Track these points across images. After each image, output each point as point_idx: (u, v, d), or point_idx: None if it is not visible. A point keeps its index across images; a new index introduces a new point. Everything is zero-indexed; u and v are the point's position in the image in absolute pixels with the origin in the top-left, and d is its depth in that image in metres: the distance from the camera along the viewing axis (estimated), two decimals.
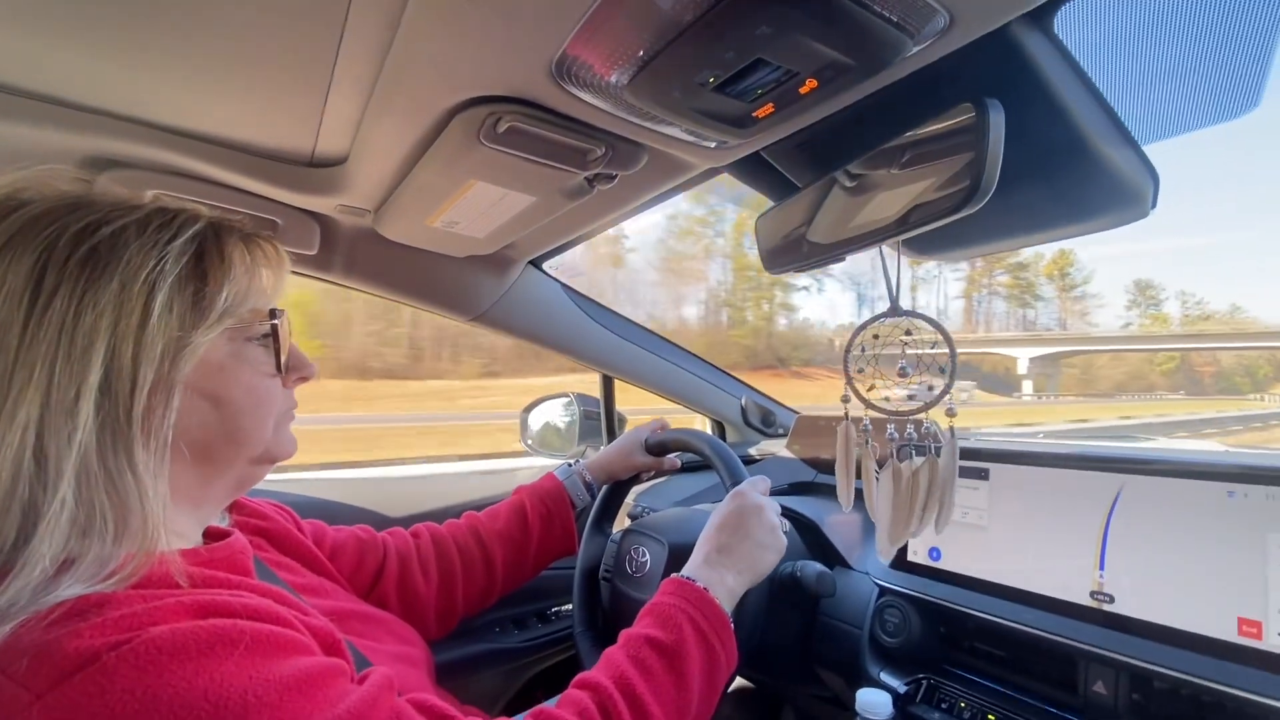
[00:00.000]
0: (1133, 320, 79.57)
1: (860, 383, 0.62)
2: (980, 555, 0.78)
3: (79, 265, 0.40)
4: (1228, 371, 63.62)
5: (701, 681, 0.58)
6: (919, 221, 0.53)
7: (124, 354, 0.40)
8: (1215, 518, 0.61)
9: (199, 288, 0.45)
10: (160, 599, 0.38)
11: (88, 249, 0.41)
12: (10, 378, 0.38)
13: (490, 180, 0.72)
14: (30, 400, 0.38)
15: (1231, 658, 0.58)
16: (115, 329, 0.40)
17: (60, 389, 0.38)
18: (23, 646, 0.34)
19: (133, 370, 0.41)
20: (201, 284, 0.45)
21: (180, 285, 0.44)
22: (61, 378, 0.39)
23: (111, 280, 0.41)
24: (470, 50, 0.52)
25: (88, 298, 0.40)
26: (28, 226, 0.41)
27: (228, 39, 0.56)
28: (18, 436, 0.37)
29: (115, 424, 0.40)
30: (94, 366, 0.39)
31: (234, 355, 0.48)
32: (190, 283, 0.45)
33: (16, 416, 0.37)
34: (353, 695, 0.41)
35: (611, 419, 1.47)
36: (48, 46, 0.58)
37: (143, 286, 0.42)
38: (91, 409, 0.39)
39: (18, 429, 0.37)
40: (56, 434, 0.38)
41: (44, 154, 0.74)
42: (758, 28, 0.44)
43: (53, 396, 0.38)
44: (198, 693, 0.35)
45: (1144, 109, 0.55)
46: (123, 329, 0.41)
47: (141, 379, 0.41)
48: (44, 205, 0.42)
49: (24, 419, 0.37)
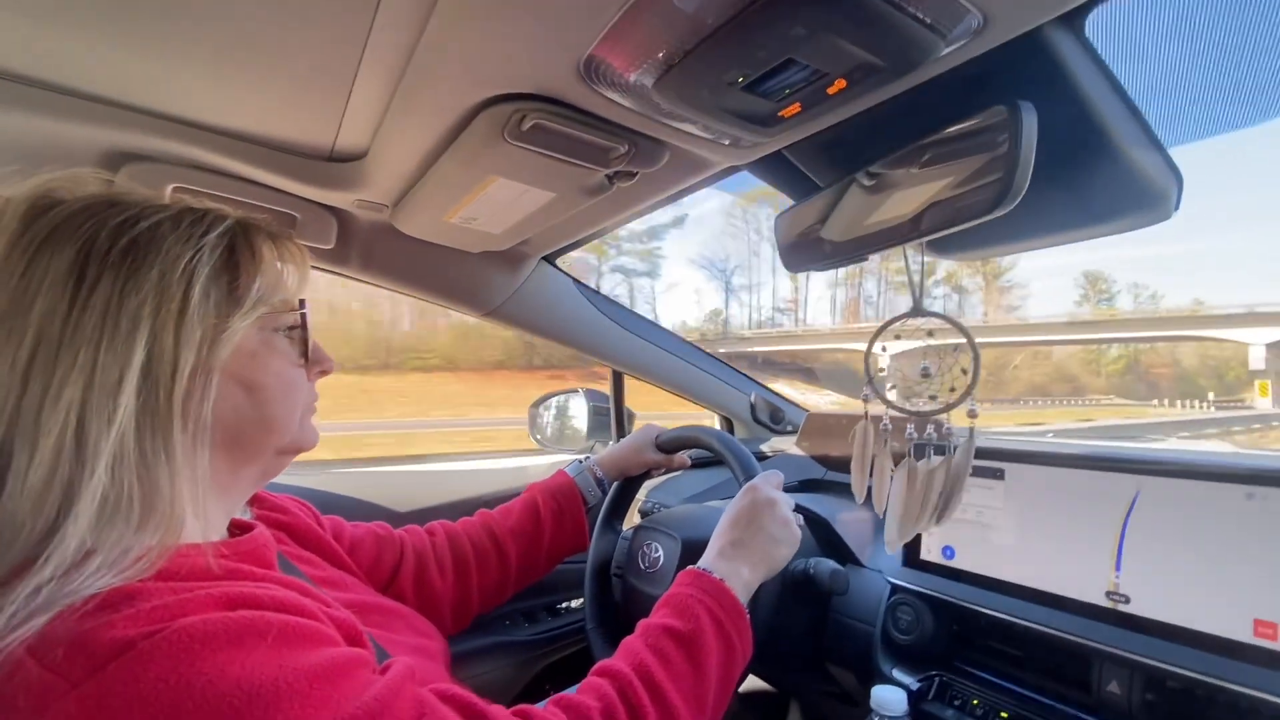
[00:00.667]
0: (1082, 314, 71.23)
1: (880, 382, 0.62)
2: (994, 554, 0.79)
3: (120, 255, 0.42)
4: (1191, 373, 57.21)
5: (718, 671, 0.59)
6: (947, 222, 0.53)
7: (165, 339, 0.42)
8: (1233, 520, 0.62)
9: (233, 277, 0.47)
10: (190, 591, 0.39)
11: (128, 240, 0.43)
12: (55, 362, 0.39)
13: (511, 176, 0.72)
14: (74, 383, 0.39)
15: (1246, 658, 0.58)
16: (157, 315, 0.42)
17: (104, 371, 0.40)
18: (57, 637, 0.34)
19: (174, 355, 0.42)
20: (235, 274, 0.47)
21: (216, 274, 0.46)
22: (105, 360, 0.40)
23: (152, 269, 0.42)
24: (500, 47, 0.52)
25: (130, 285, 0.42)
26: (67, 221, 0.42)
27: (254, 33, 0.56)
28: (61, 416, 0.38)
29: (155, 407, 0.42)
30: (137, 350, 0.41)
31: (265, 344, 0.51)
32: (225, 273, 0.47)
33: (61, 398, 0.39)
34: (378, 684, 0.42)
35: (621, 415, 1.48)
36: (69, 40, 0.58)
37: (182, 275, 0.43)
38: (133, 391, 0.41)
39: (61, 410, 0.38)
40: (98, 415, 0.39)
41: (65, 147, 0.74)
42: (791, 28, 0.44)
43: (96, 379, 0.40)
44: (230, 681, 0.35)
45: (1171, 111, 0.55)
46: (164, 315, 0.42)
47: (182, 364, 0.43)
48: (81, 202, 0.44)
49: (68, 400, 0.39)
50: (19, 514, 0.37)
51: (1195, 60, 0.53)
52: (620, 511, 1.03)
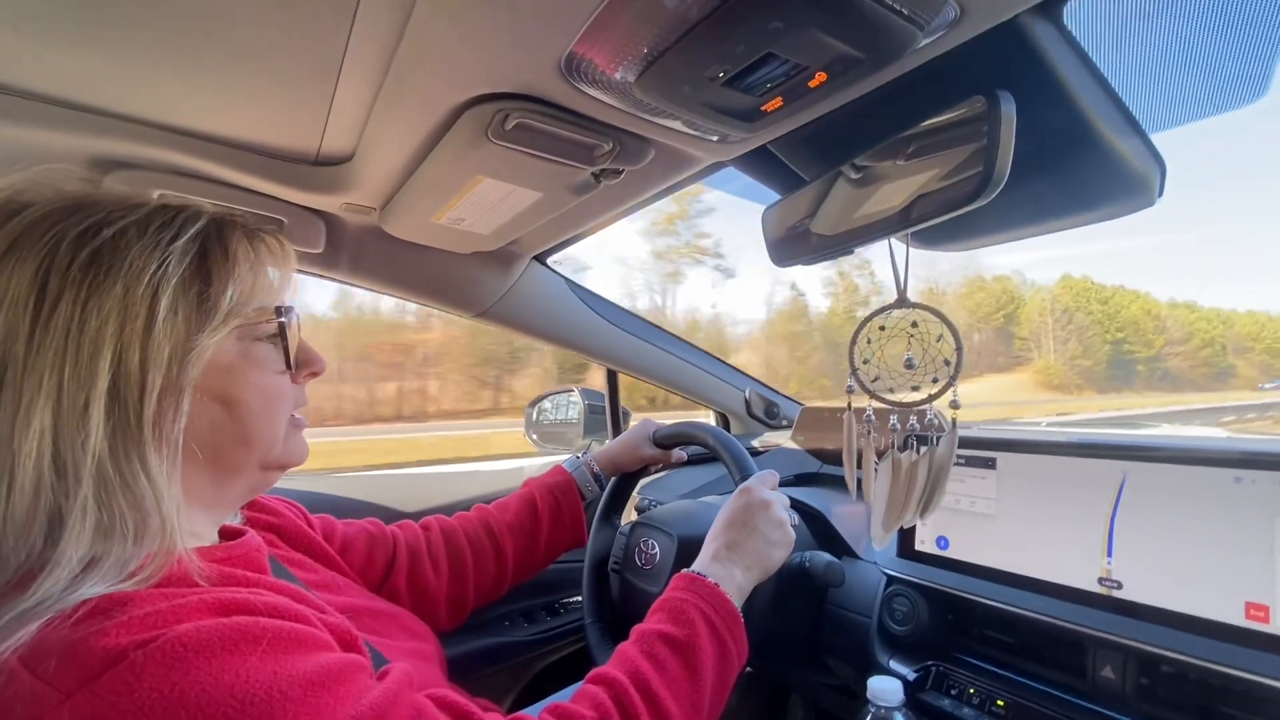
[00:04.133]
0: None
1: (865, 374, 0.62)
2: (988, 544, 0.79)
3: (81, 270, 0.40)
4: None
5: (714, 675, 0.59)
6: (929, 213, 0.53)
7: (131, 360, 0.40)
8: (1223, 503, 0.62)
9: (203, 289, 0.44)
10: (183, 597, 0.38)
11: (90, 253, 0.40)
12: (21, 387, 0.38)
13: (497, 176, 0.72)
14: (42, 409, 0.38)
15: (1239, 641, 0.59)
16: (121, 334, 0.40)
17: (70, 396, 0.38)
18: (49, 646, 0.34)
19: (140, 376, 0.41)
20: (206, 284, 0.45)
21: (184, 287, 0.43)
22: (70, 385, 0.39)
23: (115, 284, 0.40)
24: (480, 47, 0.52)
25: (91, 303, 0.40)
26: (28, 231, 0.40)
27: (235, 39, 0.56)
28: (34, 445, 0.37)
29: (126, 429, 0.40)
30: (101, 373, 0.39)
31: (243, 355, 0.48)
32: (195, 283, 0.44)
33: (31, 425, 0.38)
34: (375, 691, 0.42)
35: (616, 413, 1.48)
36: (53, 49, 0.58)
37: (146, 289, 0.41)
38: (102, 415, 0.39)
39: (33, 437, 0.37)
40: (71, 441, 0.38)
41: (50, 156, 0.74)
42: (769, 22, 0.44)
43: (64, 404, 0.38)
44: (224, 689, 0.35)
45: (1152, 97, 0.55)
46: (128, 334, 0.40)
47: (150, 384, 0.41)
48: (44, 208, 0.41)
49: (38, 427, 0.38)
50: (4, 544, 0.37)
51: (1174, 46, 0.53)
52: (618, 507, 1.03)
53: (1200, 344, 56.93)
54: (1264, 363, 58.16)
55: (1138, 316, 54.52)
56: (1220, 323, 58.53)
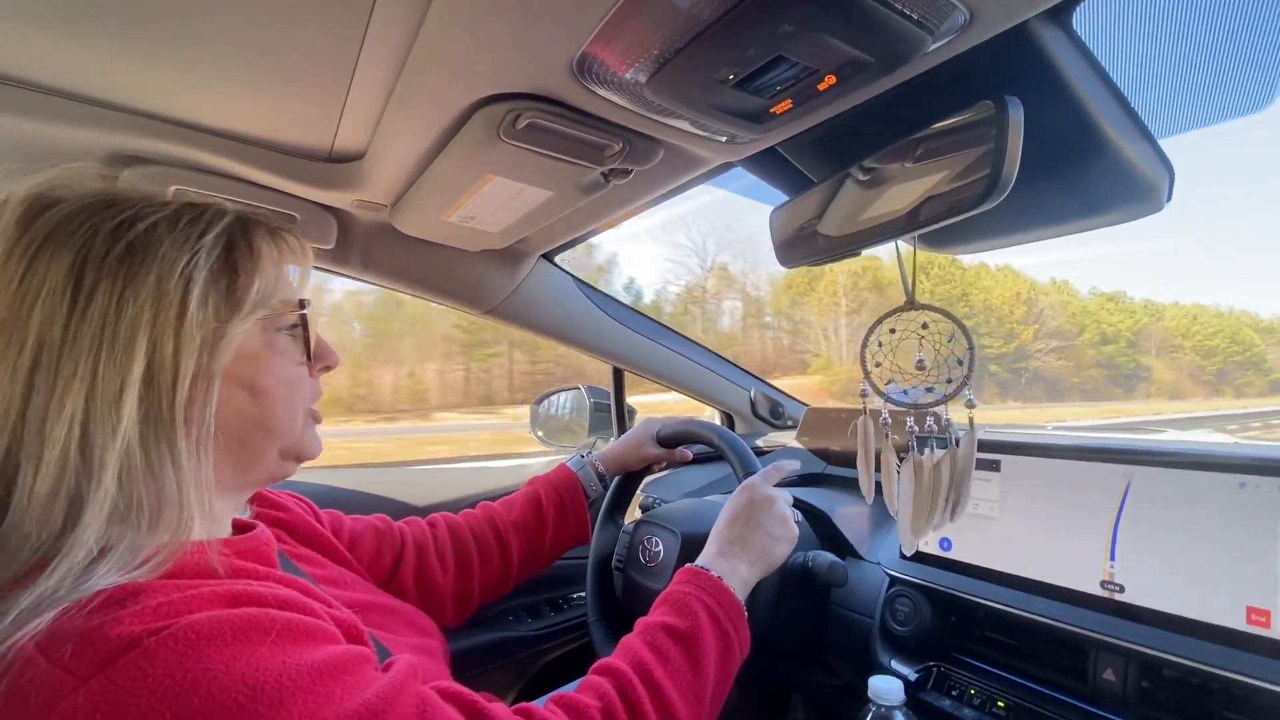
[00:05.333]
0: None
1: (877, 376, 0.63)
2: (991, 546, 0.79)
3: (117, 261, 0.41)
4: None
5: (717, 667, 0.59)
6: (936, 216, 0.53)
7: (165, 347, 0.42)
8: (1226, 509, 0.62)
9: (231, 280, 0.46)
10: (195, 588, 0.39)
11: (125, 245, 0.42)
12: (56, 372, 0.39)
13: (508, 175, 0.73)
14: (76, 393, 0.39)
15: (1240, 646, 0.59)
16: (155, 322, 0.42)
17: (105, 382, 0.40)
18: (65, 634, 0.35)
19: (174, 362, 0.42)
20: (234, 276, 0.47)
21: (214, 278, 0.45)
22: (106, 370, 0.40)
23: (149, 275, 0.42)
24: (493, 48, 0.53)
25: (128, 292, 0.41)
26: (63, 224, 0.42)
27: (253, 36, 0.57)
28: (64, 428, 0.39)
29: (158, 415, 0.41)
30: (137, 359, 0.41)
31: (267, 345, 0.50)
32: (223, 275, 0.46)
33: (64, 410, 0.39)
34: (381, 681, 0.43)
35: (622, 411, 1.48)
36: (71, 44, 0.59)
37: (179, 280, 0.43)
38: (135, 401, 0.40)
39: (64, 422, 0.39)
40: (102, 426, 0.39)
41: (68, 151, 0.75)
42: (779, 26, 0.45)
43: (98, 389, 0.39)
44: (235, 676, 0.36)
45: (1161, 103, 0.55)
46: (162, 322, 0.42)
47: (183, 370, 0.42)
48: (77, 203, 0.43)
49: (70, 411, 0.39)
50: (25, 524, 0.38)
51: (1184, 51, 0.53)
52: (622, 506, 1.04)
53: (1095, 338, 43.90)
54: (1192, 364, 45.28)
55: (998, 302, 40.58)
56: (1149, 316, 46.62)
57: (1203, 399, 41.34)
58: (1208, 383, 44.80)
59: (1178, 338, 47.02)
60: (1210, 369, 45.85)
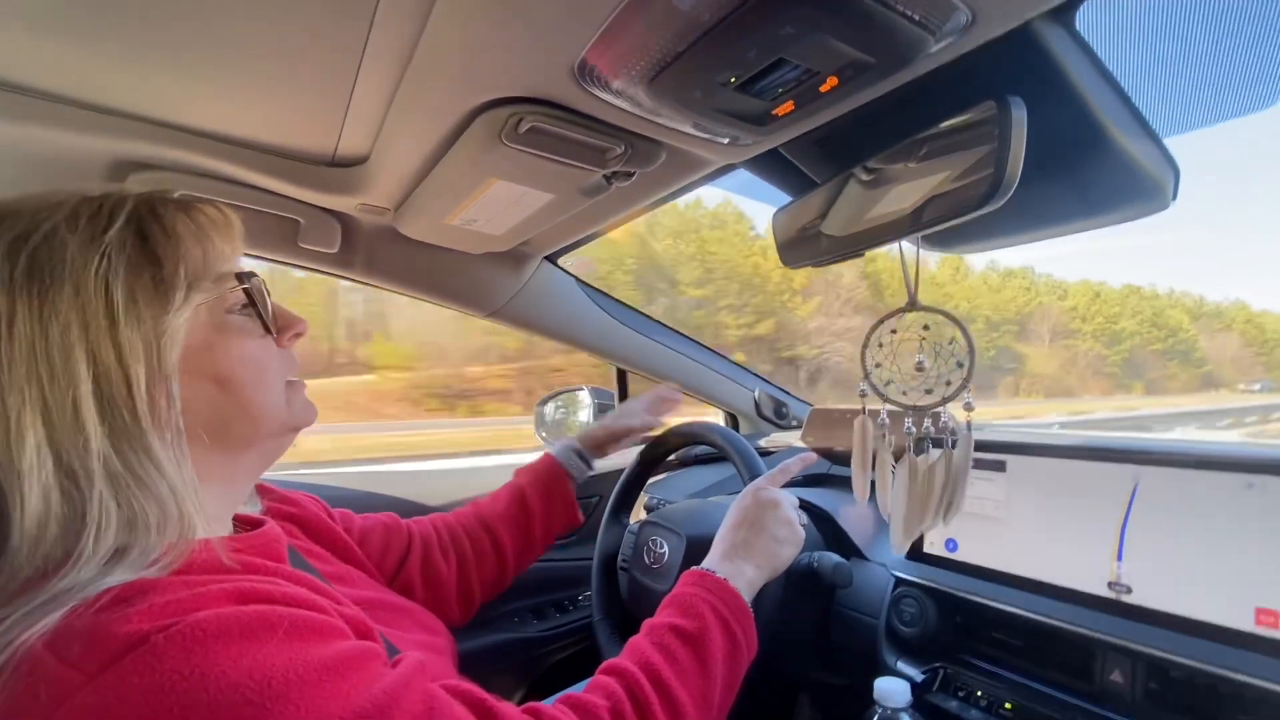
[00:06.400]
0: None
1: (877, 377, 0.62)
2: (997, 546, 0.79)
3: (25, 278, 0.39)
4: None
5: (725, 668, 0.59)
6: (939, 217, 0.53)
7: (106, 357, 0.40)
8: (1234, 509, 0.62)
9: (155, 270, 0.43)
10: (203, 585, 0.39)
11: (27, 259, 0.39)
12: (4, 405, 0.38)
13: (510, 179, 0.73)
14: (32, 423, 0.38)
15: (1248, 647, 0.58)
16: (87, 335, 0.40)
17: (57, 404, 0.38)
18: (73, 631, 0.35)
19: (121, 370, 0.40)
20: (156, 266, 0.43)
21: (134, 272, 0.42)
22: (53, 394, 0.38)
23: (64, 287, 0.39)
24: (495, 52, 0.53)
25: (46, 311, 0.39)
26: None
27: (256, 42, 0.57)
28: (34, 457, 0.38)
29: (123, 426, 0.40)
30: (81, 376, 0.39)
31: (218, 330, 0.47)
32: (144, 268, 0.43)
33: (25, 440, 0.38)
34: (388, 677, 0.43)
35: None
36: (75, 50, 0.59)
37: (97, 284, 0.40)
38: (94, 417, 0.39)
39: (31, 450, 0.38)
40: (72, 447, 0.39)
41: (72, 158, 0.76)
42: (781, 28, 0.44)
43: (53, 414, 0.38)
44: (243, 673, 0.36)
45: (1166, 101, 0.55)
46: (94, 333, 0.40)
47: (134, 377, 0.40)
48: None
49: (35, 442, 0.38)
50: (24, 550, 0.38)
51: (1188, 50, 0.53)
52: (627, 505, 1.04)
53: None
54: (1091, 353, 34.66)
55: (736, 263, 25.65)
56: (1053, 293, 36.28)
57: (1099, 396, 30.59)
58: (1110, 376, 34.51)
59: (1077, 320, 36.69)
60: (1114, 359, 35.88)
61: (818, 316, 27.60)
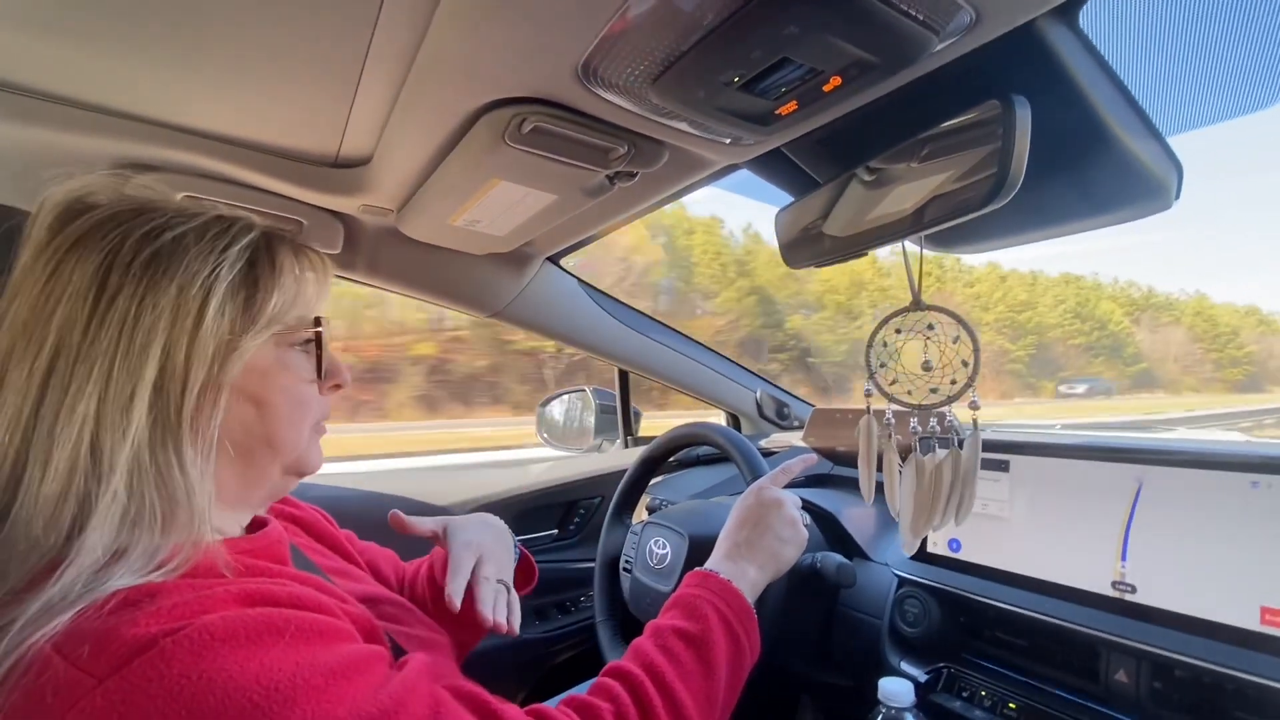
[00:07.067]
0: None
1: (882, 377, 0.63)
2: (1001, 546, 0.79)
3: (142, 268, 0.42)
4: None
5: (728, 670, 0.59)
6: (942, 216, 0.53)
7: (178, 355, 0.42)
8: (1239, 508, 0.62)
9: (250, 294, 0.47)
10: (210, 589, 0.40)
11: (150, 253, 0.43)
12: (71, 375, 0.40)
13: (513, 179, 0.73)
14: (89, 395, 0.40)
15: (1254, 646, 0.58)
16: (171, 330, 0.42)
17: (117, 386, 0.40)
18: (82, 634, 0.35)
19: (185, 371, 0.43)
20: (253, 290, 0.47)
21: (233, 291, 0.46)
22: (119, 375, 0.40)
23: (171, 283, 0.43)
24: (498, 53, 0.53)
25: (148, 299, 0.42)
26: (95, 229, 0.43)
27: (260, 43, 0.58)
28: (75, 430, 0.39)
29: (166, 421, 0.42)
30: (150, 365, 0.41)
31: (278, 360, 0.50)
32: (243, 289, 0.46)
33: (76, 410, 0.39)
34: (394, 681, 0.43)
35: (628, 413, 1.49)
36: (76, 53, 0.60)
37: (199, 290, 0.44)
38: (145, 406, 0.41)
39: (76, 423, 0.39)
40: (112, 429, 0.40)
41: (76, 158, 0.76)
42: (785, 28, 0.45)
43: (110, 393, 0.40)
44: (250, 677, 0.36)
45: (1169, 100, 0.55)
46: (178, 331, 0.43)
47: (193, 379, 0.43)
48: (112, 209, 0.44)
49: (82, 413, 0.39)
50: (33, 526, 0.38)
51: (1192, 48, 0.53)
52: (630, 506, 1.04)
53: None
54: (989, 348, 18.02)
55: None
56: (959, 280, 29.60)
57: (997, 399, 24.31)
58: (1012, 374, 28.70)
59: (978, 309, 29.68)
60: (1020, 354, 29.55)
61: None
